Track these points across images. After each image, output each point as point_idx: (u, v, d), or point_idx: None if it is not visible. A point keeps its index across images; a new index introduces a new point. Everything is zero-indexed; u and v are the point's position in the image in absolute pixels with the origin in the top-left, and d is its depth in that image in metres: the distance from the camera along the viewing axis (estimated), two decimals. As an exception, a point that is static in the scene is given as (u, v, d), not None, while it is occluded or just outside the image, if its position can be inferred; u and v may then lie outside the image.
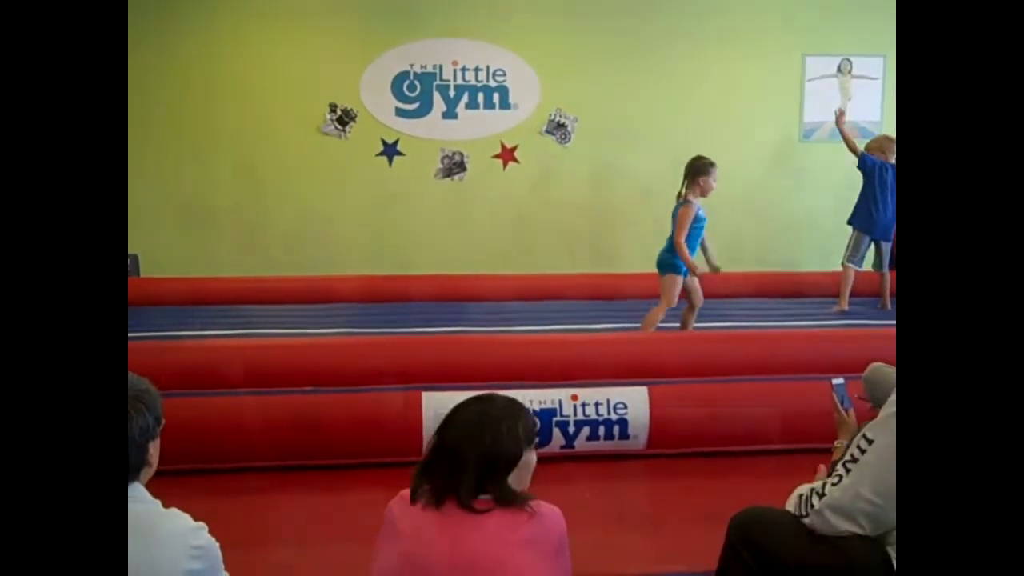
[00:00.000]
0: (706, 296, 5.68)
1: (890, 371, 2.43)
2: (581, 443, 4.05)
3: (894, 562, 1.97)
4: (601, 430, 4.10)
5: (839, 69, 9.04)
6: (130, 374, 1.93)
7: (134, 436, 1.88)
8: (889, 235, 6.51)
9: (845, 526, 2.03)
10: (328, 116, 8.57)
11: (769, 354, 4.75)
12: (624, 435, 4.12)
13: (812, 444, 3.47)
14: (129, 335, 3.61)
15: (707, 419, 4.19)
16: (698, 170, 5.42)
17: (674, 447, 4.16)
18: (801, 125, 8.07)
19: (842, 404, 2.59)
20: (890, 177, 6.38)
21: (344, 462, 3.95)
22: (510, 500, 1.89)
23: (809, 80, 9.01)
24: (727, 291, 6.66)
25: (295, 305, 6.18)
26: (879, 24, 8.93)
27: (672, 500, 3.79)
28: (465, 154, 8.46)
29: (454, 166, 8.50)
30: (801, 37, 8.95)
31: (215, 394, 4.06)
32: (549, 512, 1.93)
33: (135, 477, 1.90)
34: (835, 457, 2.39)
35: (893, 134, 6.64)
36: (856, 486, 2.01)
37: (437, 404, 3.93)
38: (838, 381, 2.68)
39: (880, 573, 1.98)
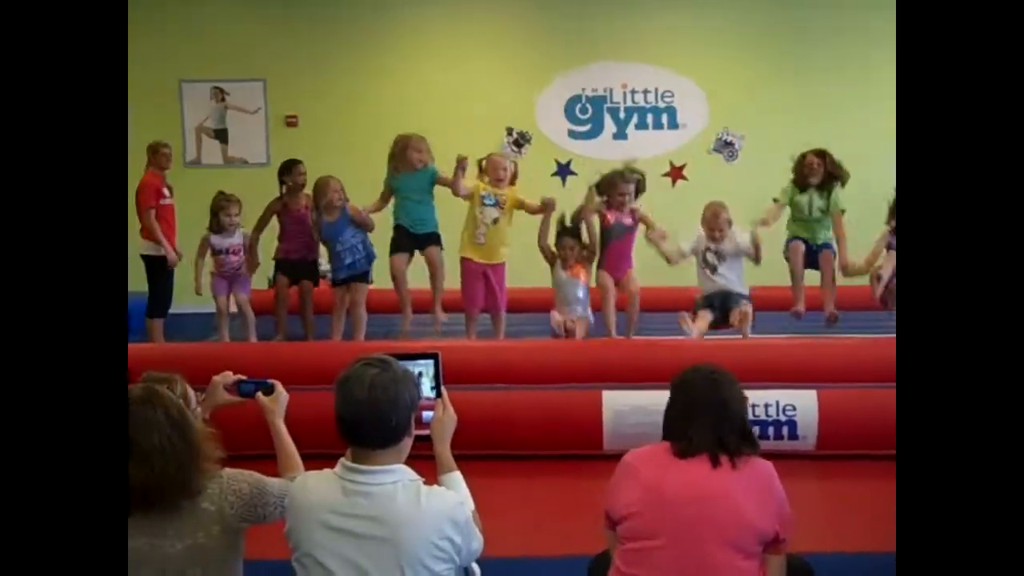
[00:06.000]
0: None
1: None
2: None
3: None
4: (771, 430, 4.31)
5: None
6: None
7: (399, 416, 2.02)
8: None
9: None
10: (505, 139, 9.09)
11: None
12: (793, 436, 4.33)
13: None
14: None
15: (875, 422, 4.25)
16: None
17: (843, 448, 4.32)
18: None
19: None
20: None
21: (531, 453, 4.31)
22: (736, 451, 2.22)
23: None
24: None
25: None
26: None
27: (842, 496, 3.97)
28: (636, 174, 8.71)
29: (626, 185, 8.75)
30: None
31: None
32: (760, 462, 2.27)
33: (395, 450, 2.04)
34: None
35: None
36: None
37: (614, 402, 4.31)
38: None
39: None
